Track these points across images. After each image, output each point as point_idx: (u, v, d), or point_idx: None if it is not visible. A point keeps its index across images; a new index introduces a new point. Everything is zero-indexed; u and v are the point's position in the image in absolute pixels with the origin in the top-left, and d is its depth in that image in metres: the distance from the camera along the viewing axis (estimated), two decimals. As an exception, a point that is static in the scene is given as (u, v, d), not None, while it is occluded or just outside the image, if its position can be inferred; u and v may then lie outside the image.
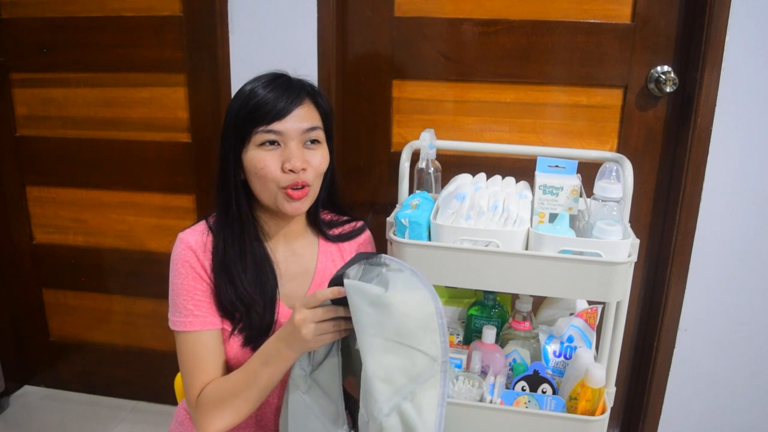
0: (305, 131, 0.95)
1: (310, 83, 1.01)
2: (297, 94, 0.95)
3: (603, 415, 0.98)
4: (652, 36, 1.41)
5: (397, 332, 0.80)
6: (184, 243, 0.98)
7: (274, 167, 0.94)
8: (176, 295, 0.98)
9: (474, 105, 1.53)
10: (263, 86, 0.95)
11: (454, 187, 1.08)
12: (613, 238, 0.96)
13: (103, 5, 1.60)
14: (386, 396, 0.79)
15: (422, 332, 0.81)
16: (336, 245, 1.11)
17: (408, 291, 0.82)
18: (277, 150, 0.94)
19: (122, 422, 1.84)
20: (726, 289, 1.49)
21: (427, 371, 0.81)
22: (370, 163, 1.62)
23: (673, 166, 1.47)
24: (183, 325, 0.97)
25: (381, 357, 0.80)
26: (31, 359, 1.99)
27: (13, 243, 1.86)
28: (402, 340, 0.80)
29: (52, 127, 1.74)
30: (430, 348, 0.81)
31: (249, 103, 0.94)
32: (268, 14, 1.49)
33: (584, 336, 1.06)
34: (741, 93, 1.36)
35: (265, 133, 0.93)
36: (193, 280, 0.97)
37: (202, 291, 0.97)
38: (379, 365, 0.80)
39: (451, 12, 1.48)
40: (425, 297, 0.83)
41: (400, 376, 0.80)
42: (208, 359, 0.97)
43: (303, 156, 0.95)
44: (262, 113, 0.93)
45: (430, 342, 0.81)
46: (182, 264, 0.98)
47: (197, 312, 0.97)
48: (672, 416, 1.61)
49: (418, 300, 0.82)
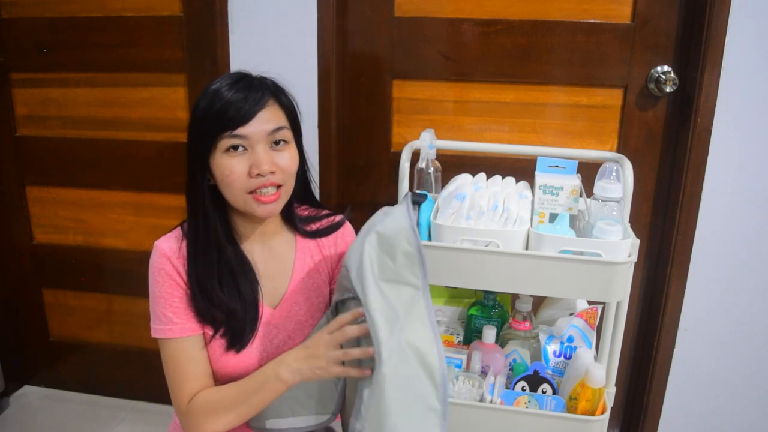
0: (271, 133, 0.94)
1: (273, 80, 1.00)
2: (260, 95, 0.94)
3: (603, 415, 0.98)
4: (652, 36, 1.41)
5: (385, 268, 0.90)
6: (159, 251, 0.98)
7: (240, 173, 0.93)
8: (155, 303, 0.98)
9: (474, 105, 1.53)
10: (228, 88, 0.94)
11: (454, 187, 1.08)
12: (613, 238, 0.96)
13: (103, 5, 1.60)
14: (389, 333, 0.85)
15: (405, 261, 0.90)
16: (314, 241, 1.10)
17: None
18: (243, 155, 0.93)
19: (122, 422, 1.84)
20: (726, 289, 1.49)
21: (412, 298, 0.90)
22: (370, 163, 1.62)
23: (673, 166, 1.47)
24: (163, 333, 0.97)
25: (380, 302, 0.87)
26: (31, 359, 1.99)
27: (13, 243, 1.86)
28: (390, 277, 0.90)
29: (52, 127, 1.74)
30: (412, 280, 0.91)
31: (213, 108, 0.93)
32: (268, 14, 1.49)
33: (584, 336, 1.06)
34: (741, 93, 1.36)
35: (231, 138, 0.92)
36: (170, 287, 0.97)
37: (179, 297, 0.97)
38: (379, 310, 0.86)
39: (451, 12, 1.48)
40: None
41: (395, 309, 0.88)
42: (191, 365, 0.98)
43: (270, 158, 0.94)
44: (227, 118, 0.92)
45: (411, 275, 0.90)
46: (158, 272, 0.98)
47: (176, 319, 0.97)
48: (672, 416, 1.61)
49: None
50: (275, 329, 1.03)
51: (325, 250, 1.10)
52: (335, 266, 1.11)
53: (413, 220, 0.91)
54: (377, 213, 0.97)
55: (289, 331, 1.04)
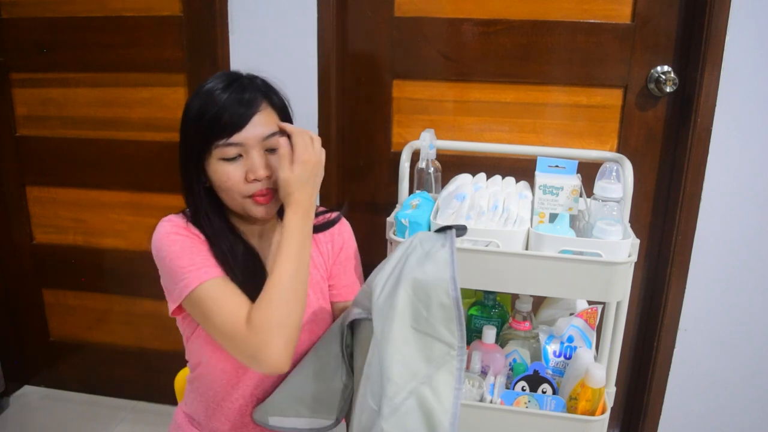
0: (265, 138, 0.94)
1: (263, 80, 0.99)
2: (253, 98, 0.93)
3: (603, 415, 0.98)
4: (652, 36, 1.41)
5: (418, 317, 0.82)
6: (168, 221, 0.97)
7: (237, 179, 0.93)
8: (177, 258, 0.93)
9: (474, 105, 1.53)
10: (221, 90, 0.93)
11: (454, 187, 1.08)
12: (613, 238, 0.96)
13: (103, 5, 1.60)
14: (405, 379, 0.80)
15: (440, 314, 0.82)
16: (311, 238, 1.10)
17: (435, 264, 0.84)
18: (239, 160, 0.93)
19: (122, 422, 1.84)
20: (726, 289, 1.49)
21: (444, 356, 0.82)
22: (370, 163, 1.62)
23: (673, 166, 1.47)
24: (202, 276, 0.91)
25: (401, 345, 0.81)
26: (31, 359, 1.99)
27: (13, 243, 1.86)
28: (421, 328, 0.82)
29: (52, 127, 1.74)
30: (446, 336, 0.82)
31: (207, 112, 0.92)
32: (268, 14, 1.49)
33: (584, 336, 1.06)
34: (741, 93, 1.35)
35: (226, 147, 0.92)
36: (192, 242, 0.95)
37: (206, 250, 0.95)
38: (398, 351, 0.81)
39: (451, 12, 1.48)
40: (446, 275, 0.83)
41: (419, 361, 0.81)
42: (236, 295, 0.91)
43: (265, 163, 0.94)
44: (222, 124, 0.91)
45: (447, 331, 0.82)
46: (174, 235, 0.95)
47: (209, 262, 0.93)
48: (672, 416, 1.60)
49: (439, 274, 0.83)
50: None
51: (321, 246, 1.10)
52: (333, 262, 1.11)
53: (456, 268, 0.83)
54: (414, 241, 0.89)
55: None
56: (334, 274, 1.11)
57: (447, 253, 0.85)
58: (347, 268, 1.12)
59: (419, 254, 0.87)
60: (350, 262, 1.12)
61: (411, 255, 0.87)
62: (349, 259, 1.12)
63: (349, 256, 1.13)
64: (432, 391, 0.80)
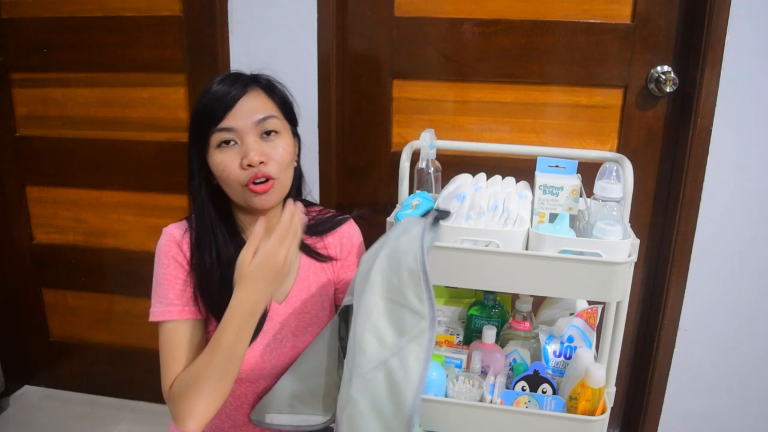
0: (258, 122, 0.94)
1: (266, 76, 1.00)
2: (243, 85, 0.95)
3: (603, 415, 0.98)
4: (652, 36, 1.41)
5: (390, 286, 0.83)
6: (167, 235, 1.00)
7: (233, 167, 0.93)
8: (158, 285, 0.98)
9: (474, 105, 1.53)
10: (216, 84, 0.95)
11: (454, 187, 1.08)
12: (613, 238, 0.96)
13: (103, 5, 1.60)
14: (375, 350, 0.80)
15: (409, 280, 0.82)
16: (321, 240, 1.10)
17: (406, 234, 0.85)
18: (234, 148, 0.94)
19: (122, 422, 1.84)
20: (726, 289, 1.49)
21: (415, 327, 0.81)
22: (370, 163, 1.62)
23: (673, 166, 1.47)
24: (162, 315, 0.96)
25: (373, 315, 0.82)
26: (31, 359, 1.99)
27: (13, 243, 1.86)
28: (392, 297, 0.82)
29: (52, 127, 1.74)
30: (416, 305, 0.81)
31: (201, 105, 0.95)
32: (268, 14, 1.49)
33: (584, 336, 1.06)
34: (741, 93, 1.35)
35: (219, 132, 0.93)
36: (175, 270, 0.97)
37: (182, 281, 0.97)
38: (369, 321, 0.81)
39: (451, 12, 1.48)
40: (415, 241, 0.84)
41: (390, 331, 0.81)
42: (183, 351, 0.95)
43: (260, 149, 0.94)
44: (211, 112, 0.93)
45: (416, 299, 0.81)
46: (164, 255, 0.98)
47: (176, 301, 0.97)
48: (672, 416, 1.60)
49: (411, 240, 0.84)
50: (279, 325, 1.03)
51: (331, 250, 1.10)
52: (340, 265, 1.11)
53: (426, 239, 0.84)
54: (398, 224, 0.91)
55: (293, 328, 1.05)
56: (340, 276, 1.11)
57: (420, 226, 0.86)
58: (354, 271, 1.12)
59: (398, 232, 0.88)
60: (356, 267, 1.12)
61: (391, 234, 0.89)
62: (355, 264, 1.13)
63: (356, 261, 1.13)
64: (401, 363, 0.80)
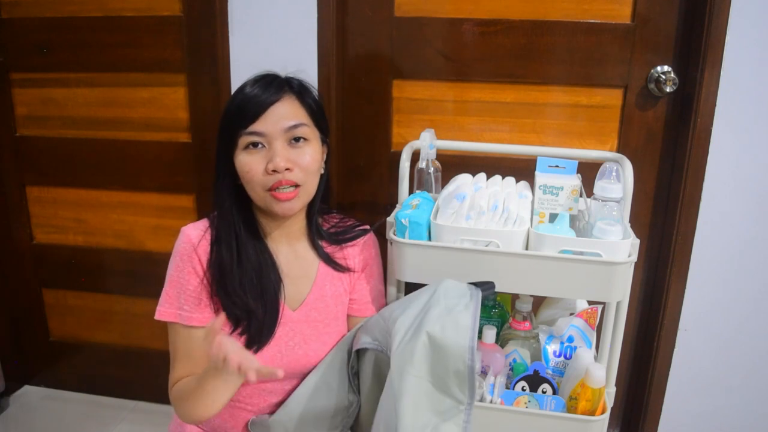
0: (288, 129, 0.94)
1: (299, 80, 1.00)
2: (276, 90, 0.94)
3: (603, 415, 0.98)
4: (652, 36, 1.41)
5: (434, 374, 0.87)
6: (185, 236, 0.99)
7: (258, 170, 0.93)
8: (169, 284, 0.99)
9: (474, 105, 1.53)
10: (250, 85, 0.95)
11: (454, 187, 1.08)
12: (613, 238, 0.96)
13: (103, 5, 1.60)
14: (414, 430, 0.83)
15: (454, 377, 0.86)
16: (341, 250, 1.10)
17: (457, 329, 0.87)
18: (262, 151, 0.94)
19: (122, 422, 1.84)
20: (726, 289, 1.49)
21: (452, 410, 0.87)
22: (370, 163, 1.62)
23: (673, 166, 1.47)
24: (168, 316, 0.98)
25: (414, 397, 0.85)
26: (31, 359, 1.99)
27: (13, 243, 1.86)
28: (435, 384, 0.87)
29: (52, 127, 1.74)
30: (458, 395, 0.87)
31: (233, 105, 0.95)
32: (268, 14, 1.49)
33: (584, 336, 1.06)
34: (741, 93, 1.35)
35: (248, 135, 0.93)
36: (188, 275, 0.97)
37: (193, 287, 0.98)
38: (411, 403, 0.84)
39: (451, 12, 1.48)
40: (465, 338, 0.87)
41: (428, 412, 0.85)
42: (187, 356, 0.99)
43: (287, 155, 0.93)
44: (242, 114, 0.93)
45: (459, 391, 0.87)
46: (180, 257, 0.98)
47: (186, 306, 0.97)
48: (672, 416, 1.60)
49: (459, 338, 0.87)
50: (292, 331, 1.03)
51: (349, 261, 1.10)
52: (357, 277, 1.11)
53: (475, 336, 0.87)
54: (440, 290, 0.92)
55: (306, 335, 1.04)
56: (356, 288, 1.11)
57: (469, 318, 0.88)
58: (370, 284, 1.12)
59: (441, 309, 0.89)
60: (372, 280, 1.12)
61: (433, 308, 0.89)
62: (371, 277, 1.12)
63: (372, 273, 1.13)
64: None
